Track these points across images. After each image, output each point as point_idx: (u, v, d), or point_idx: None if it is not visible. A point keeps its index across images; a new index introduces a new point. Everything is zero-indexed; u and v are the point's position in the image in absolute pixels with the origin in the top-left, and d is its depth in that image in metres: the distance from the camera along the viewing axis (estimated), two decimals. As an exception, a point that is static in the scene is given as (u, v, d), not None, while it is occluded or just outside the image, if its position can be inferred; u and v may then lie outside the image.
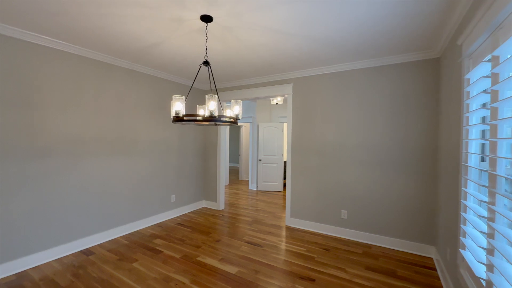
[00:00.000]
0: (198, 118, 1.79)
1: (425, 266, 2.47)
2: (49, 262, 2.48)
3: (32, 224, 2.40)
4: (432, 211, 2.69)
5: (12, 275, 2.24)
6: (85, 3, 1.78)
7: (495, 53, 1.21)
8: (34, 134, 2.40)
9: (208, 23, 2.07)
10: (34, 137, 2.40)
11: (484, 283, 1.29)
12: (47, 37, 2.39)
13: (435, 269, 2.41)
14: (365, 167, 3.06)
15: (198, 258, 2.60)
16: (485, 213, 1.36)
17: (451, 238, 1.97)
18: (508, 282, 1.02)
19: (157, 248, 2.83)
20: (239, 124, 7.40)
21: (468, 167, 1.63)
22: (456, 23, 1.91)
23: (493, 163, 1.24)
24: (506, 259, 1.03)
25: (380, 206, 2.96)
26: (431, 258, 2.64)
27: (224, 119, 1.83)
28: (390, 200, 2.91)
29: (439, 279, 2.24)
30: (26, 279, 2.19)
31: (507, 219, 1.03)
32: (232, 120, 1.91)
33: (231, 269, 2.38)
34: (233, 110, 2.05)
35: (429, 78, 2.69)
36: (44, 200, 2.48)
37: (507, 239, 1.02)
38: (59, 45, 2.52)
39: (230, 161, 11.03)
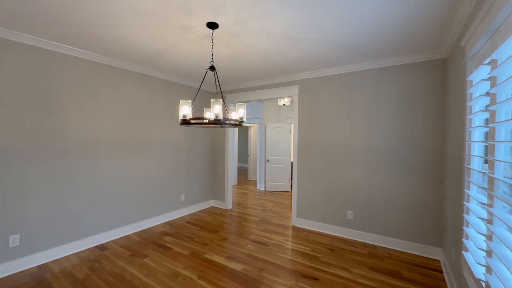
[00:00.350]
0: (204, 121, 1.88)
1: (432, 268, 2.45)
2: (67, 256, 2.65)
3: (52, 220, 2.58)
4: (439, 213, 2.66)
5: (35, 267, 2.42)
6: (100, 14, 1.91)
7: (493, 56, 1.22)
8: (54, 136, 2.58)
9: (214, 30, 2.16)
10: (54, 140, 2.58)
11: (483, 284, 1.30)
12: (65, 45, 2.56)
13: (441, 271, 2.39)
14: (371, 168, 3.06)
15: (205, 255, 2.69)
16: (485, 215, 1.36)
17: (456, 240, 1.96)
18: (503, 284, 1.03)
19: (167, 245, 2.96)
20: (247, 125, 7.49)
21: (471, 169, 1.63)
22: (460, 24, 1.90)
23: (491, 166, 1.25)
24: (501, 261, 1.04)
25: (387, 207, 2.95)
26: (438, 261, 2.61)
27: (228, 122, 1.91)
28: (396, 201, 2.89)
29: (445, 282, 2.22)
30: (47, 271, 2.36)
31: (502, 221, 1.04)
32: (236, 122, 1.99)
33: (237, 267, 2.46)
34: (238, 113, 2.12)
35: (436, 78, 2.66)
36: (63, 197, 2.66)
37: (502, 242, 1.03)
38: (76, 52, 2.68)
39: (239, 161, 11.14)
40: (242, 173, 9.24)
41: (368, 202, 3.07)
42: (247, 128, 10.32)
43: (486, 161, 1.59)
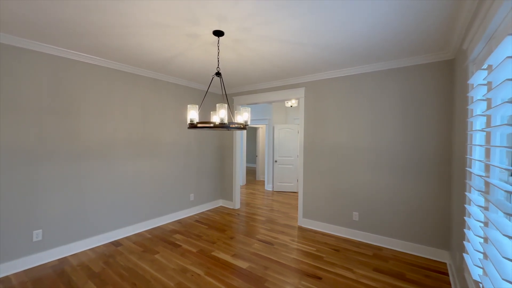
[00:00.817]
0: (210, 125, 1.98)
1: (437, 271, 2.44)
2: (84, 251, 2.83)
3: (71, 217, 2.77)
4: (445, 215, 2.64)
5: (55, 260, 2.61)
6: (113, 26, 2.06)
7: (489, 61, 1.24)
8: (72, 139, 2.76)
9: (220, 37, 2.25)
10: (72, 142, 2.76)
11: (481, 286, 1.32)
12: (83, 54, 2.74)
13: (447, 274, 2.38)
14: (376, 169, 3.06)
15: (212, 253, 2.80)
16: (482, 218, 1.38)
17: (459, 242, 1.96)
18: (493, 285, 1.06)
19: (176, 242, 3.09)
20: (256, 126, 7.58)
21: (471, 173, 1.63)
22: (463, 26, 1.90)
23: (488, 169, 1.27)
24: (492, 263, 1.07)
25: (392, 208, 2.95)
26: (445, 263, 2.59)
27: (233, 125, 2.00)
28: (402, 203, 2.89)
29: (449, 284, 2.22)
30: (66, 264, 2.54)
31: (493, 225, 1.07)
32: (241, 126, 2.08)
33: (243, 264, 2.55)
34: (243, 116, 2.21)
35: (442, 80, 2.64)
36: (81, 196, 2.84)
37: (493, 244, 1.06)
38: (93, 60, 2.86)
39: (248, 162, 11.25)
40: (251, 173, 9.34)
41: (374, 204, 3.08)
42: (255, 129, 10.41)
43: (487, 164, 1.59)
